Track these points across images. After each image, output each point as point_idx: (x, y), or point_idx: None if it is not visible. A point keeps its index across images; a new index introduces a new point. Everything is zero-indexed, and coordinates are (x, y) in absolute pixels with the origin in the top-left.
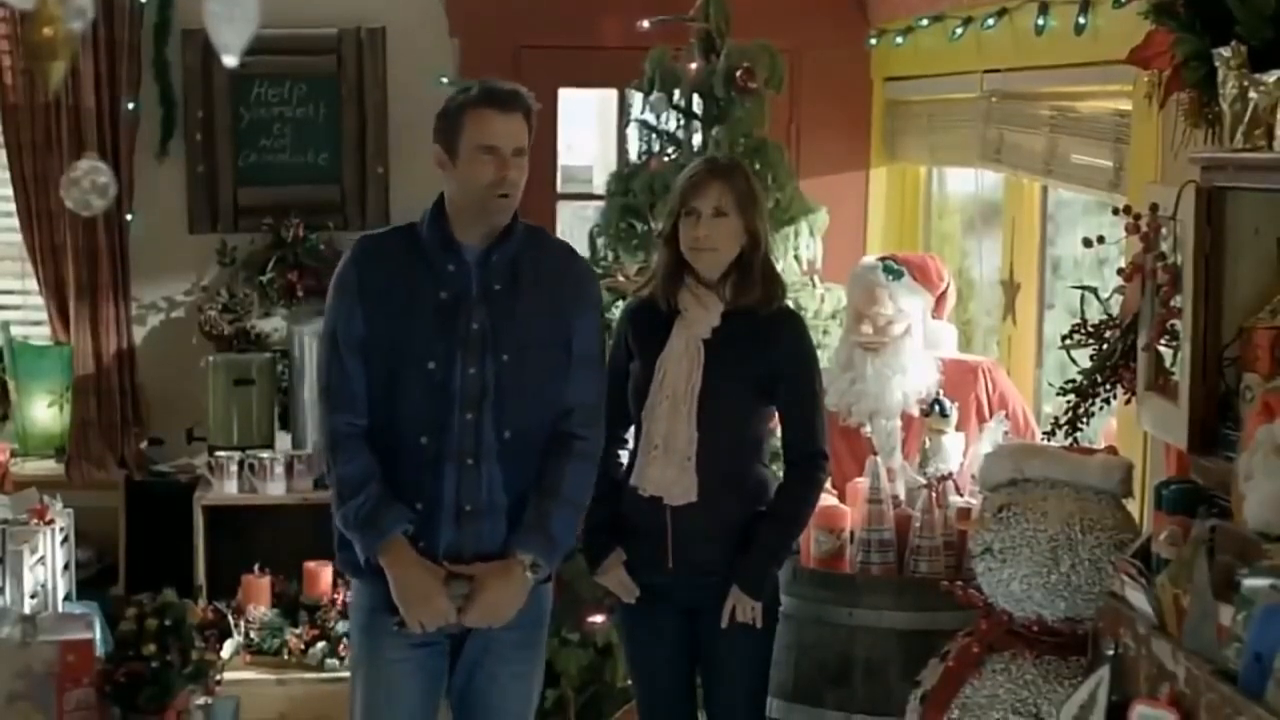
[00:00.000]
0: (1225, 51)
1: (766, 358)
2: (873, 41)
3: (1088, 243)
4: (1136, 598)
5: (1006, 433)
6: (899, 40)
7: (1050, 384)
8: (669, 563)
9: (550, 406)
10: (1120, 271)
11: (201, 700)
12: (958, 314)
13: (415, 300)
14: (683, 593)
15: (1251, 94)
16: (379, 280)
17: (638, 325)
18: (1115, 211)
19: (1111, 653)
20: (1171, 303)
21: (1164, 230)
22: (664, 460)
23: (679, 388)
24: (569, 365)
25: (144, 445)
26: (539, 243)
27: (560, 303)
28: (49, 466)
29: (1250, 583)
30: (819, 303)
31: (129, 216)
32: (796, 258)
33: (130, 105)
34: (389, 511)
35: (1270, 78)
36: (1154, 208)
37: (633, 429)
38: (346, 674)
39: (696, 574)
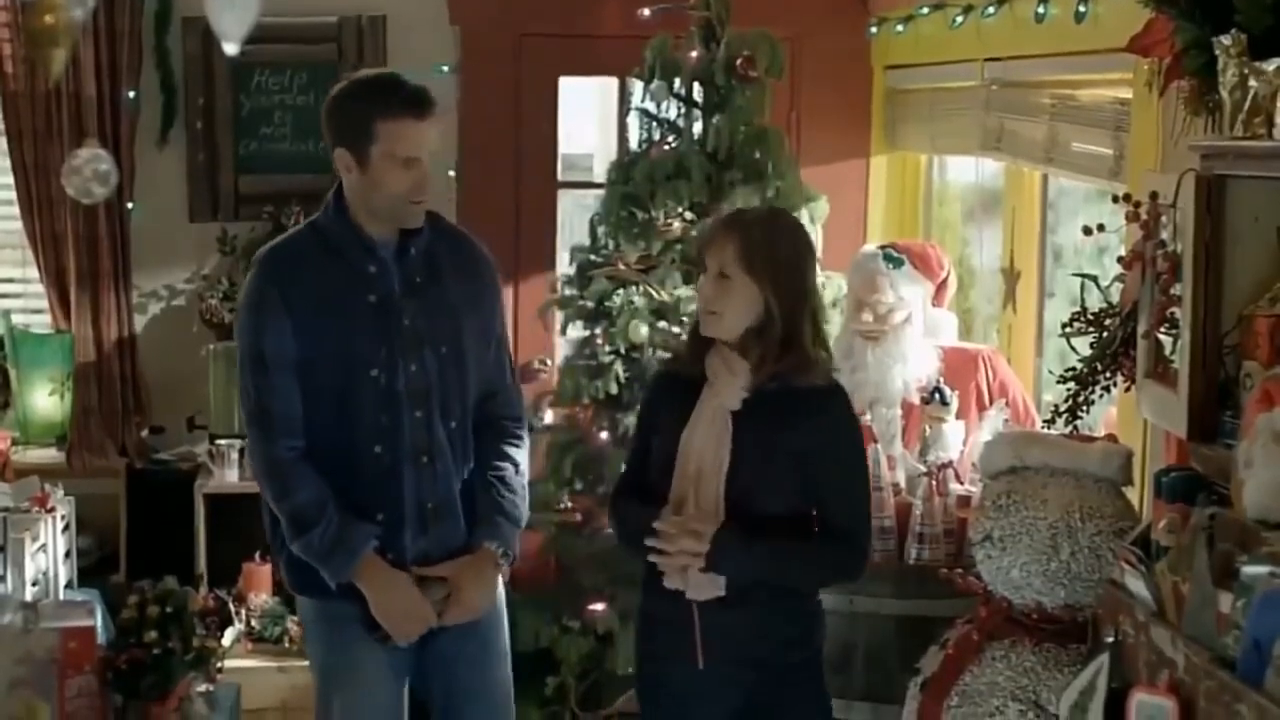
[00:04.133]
0: (1225, 39)
1: (800, 433)
2: (873, 29)
3: (1087, 231)
4: (1136, 585)
5: (1007, 421)
6: (899, 28)
7: (1050, 372)
8: (699, 661)
9: (481, 389)
10: (1120, 260)
11: (203, 687)
12: (958, 302)
13: (345, 308)
14: (718, 690)
15: (1251, 82)
16: (300, 291)
17: (662, 394)
18: (1115, 199)
19: (1111, 640)
20: (1171, 290)
21: (1164, 218)
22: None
23: (705, 465)
24: (491, 348)
25: (145, 433)
26: (441, 230)
27: (476, 288)
28: (50, 455)
29: (1249, 570)
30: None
31: (130, 205)
32: None
33: (131, 93)
34: (354, 532)
35: (1270, 66)
36: (1154, 196)
37: None
38: None
39: (734, 668)
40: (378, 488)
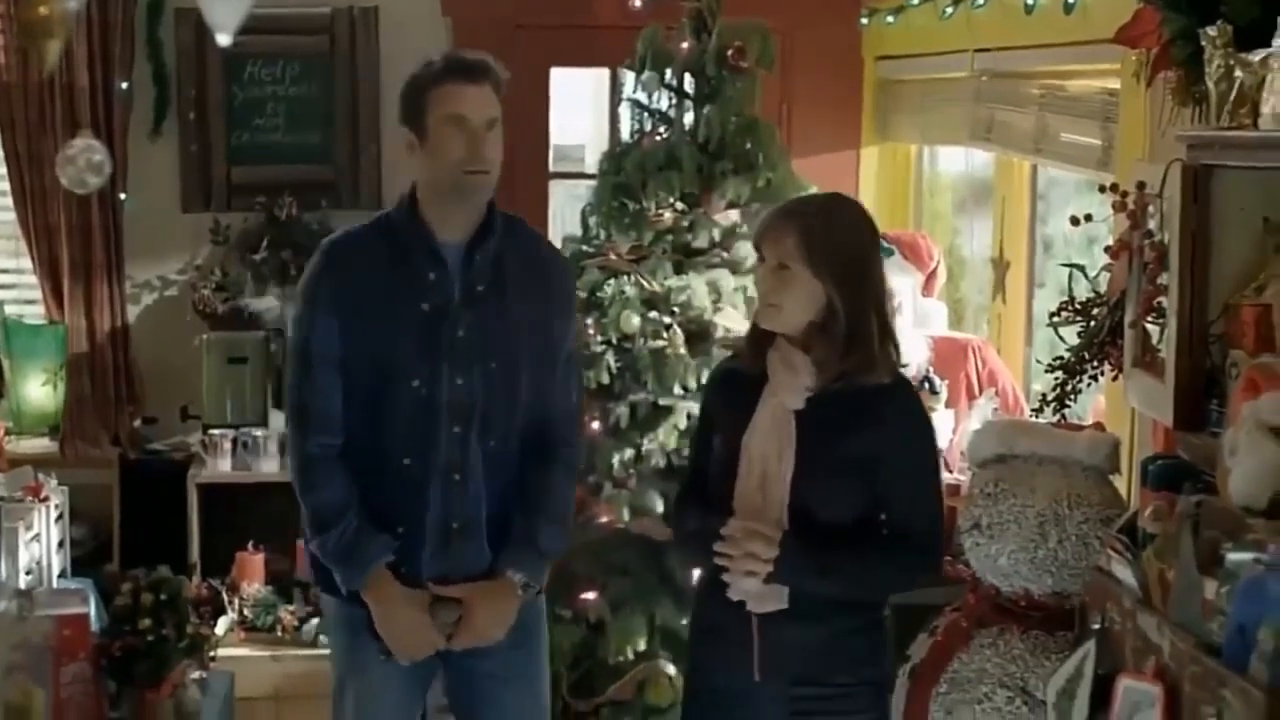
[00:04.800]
0: (1211, 30)
1: (868, 435)
2: (864, 20)
3: (1074, 221)
4: (1122, 572)
5: (995, 410)
6: (890, 19)
7: (1038, 361)
8: (755, 673)
9: (532, 413)
10: (1107, 249)
11: (197, 674)
12: (949, 292)
13: (396, 313)
14: (770, 707)
15: (1237, 73)
16: (353, 292)
17: (722, 392)
18: (1102, 190)
19: (1098, 627)
20: (1158, 280)
21: (1151, 208)
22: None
23: (769, 468)
24: (554, 368)
25: (138, 424)
26: (518, 236)
27: (544, 304)
28: (43, 445)
29: (1234, 557)
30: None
31: (122, 196)
32: None
33: (124, 84)
34: (371, 542)
35: (1256, 57)
36: (1141, 185)
37: None
38: None
39: (791, 684)
40: (402, 500)
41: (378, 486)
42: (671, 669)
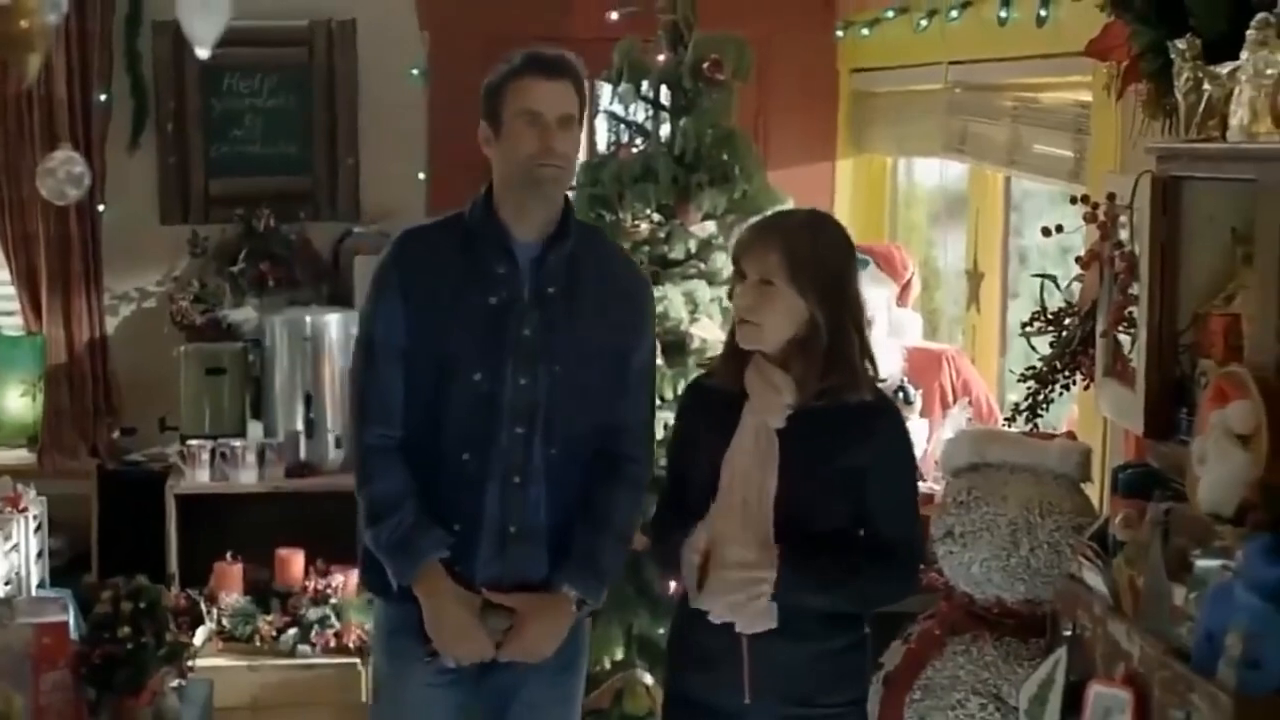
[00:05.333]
0: (1180, 43)
1: (850, 453)
2: (839, 33)
3: (1046, 231)
4: (1093, 579)
5: (969, 419)
6: (865, 31)
7: (1011, 371)
8: (745, 695)
9: (600, 423)
10: (1078, 260)
11: (175, 682)
12: (925, 303)
13: (461, 306)
14: None
15: (1206, 85)
16: (423, 281)
17: (699, 410)
18: (1073, 201)
19: (1069, 633)
20: (1129, 290)
21: (1121, 219)
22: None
23: (750, 490)
24: (624, 380)
25: (116, 434)
26: (596, 244)
27: (619, 313)
28: (21, 456)
29: (1202, 564)
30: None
31: (101, 207)
32: None
33: (102, 97)
34: (425, 535)
35: (1224, 70)
36: (1111, 197)
37: None
38: (318, 660)
39: (781, 704)
40: (459, 497)
41: (435, 483)
42: (649, 678)
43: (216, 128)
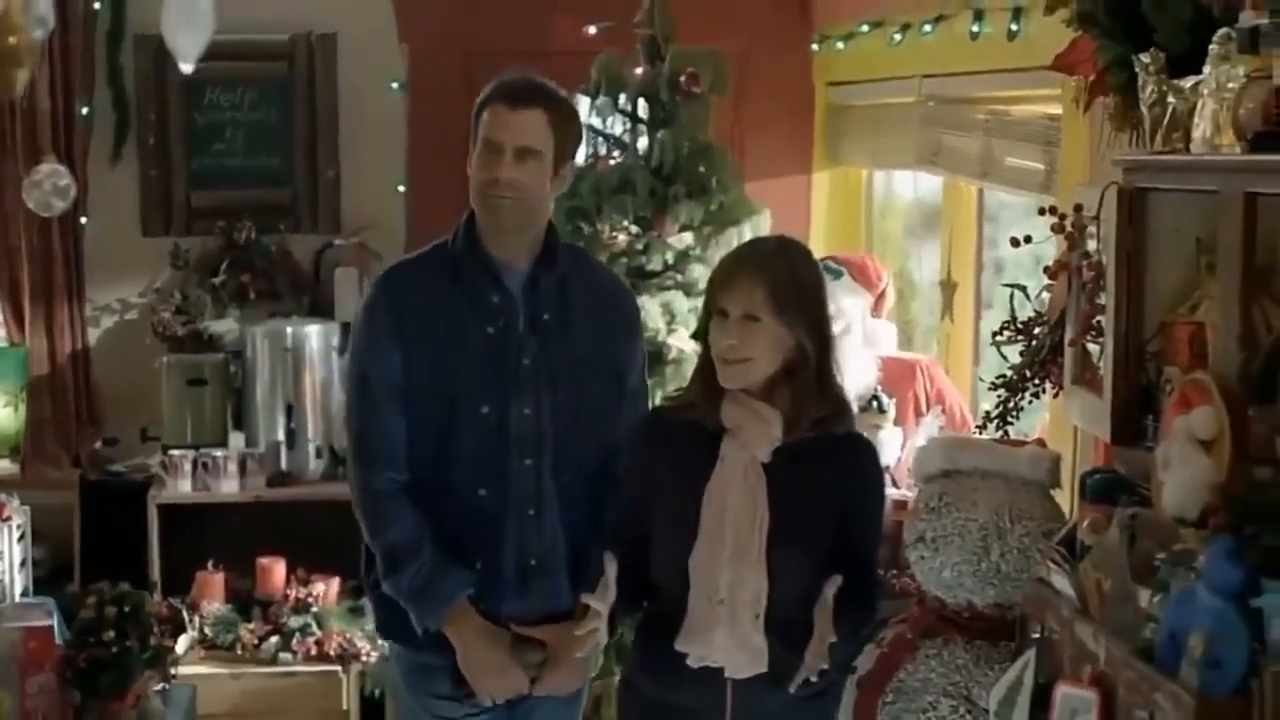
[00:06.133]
0: (1145, 58)
1: (836, 486)
2: (815, 47)
3: (1014, 242)
4: (1061, 583)
5: (942, 427)
6: (840, 45)
7: (981, 379)
8: None
9: (602, 442)
10: (1046, 269)
11: (159, 686)
12: (900, 314)
13: (460, 338)
14: None
15: (1170, 99)
16: (416, 317)
17: (665, 445)
18: (1041, 212)
19: (1038, 636)
20: (1097, 299)
21: (1090, 230)
22: (730, 621)
23: (740, 525)
24: (621, 397)
25: (99, 445)
26: (583, 264)
27: (611, 331)
28: (3, 466)
29: (1167, 567)
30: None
31: (83, 220)
32: None
33: (84, 110)
34: (448, 578)
35: (1187, 83)
36: (1078, 208)
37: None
38: (299, 668)
39: None
40: (478, 534)
41: (449, 521)
42: None
43: (198, 141)
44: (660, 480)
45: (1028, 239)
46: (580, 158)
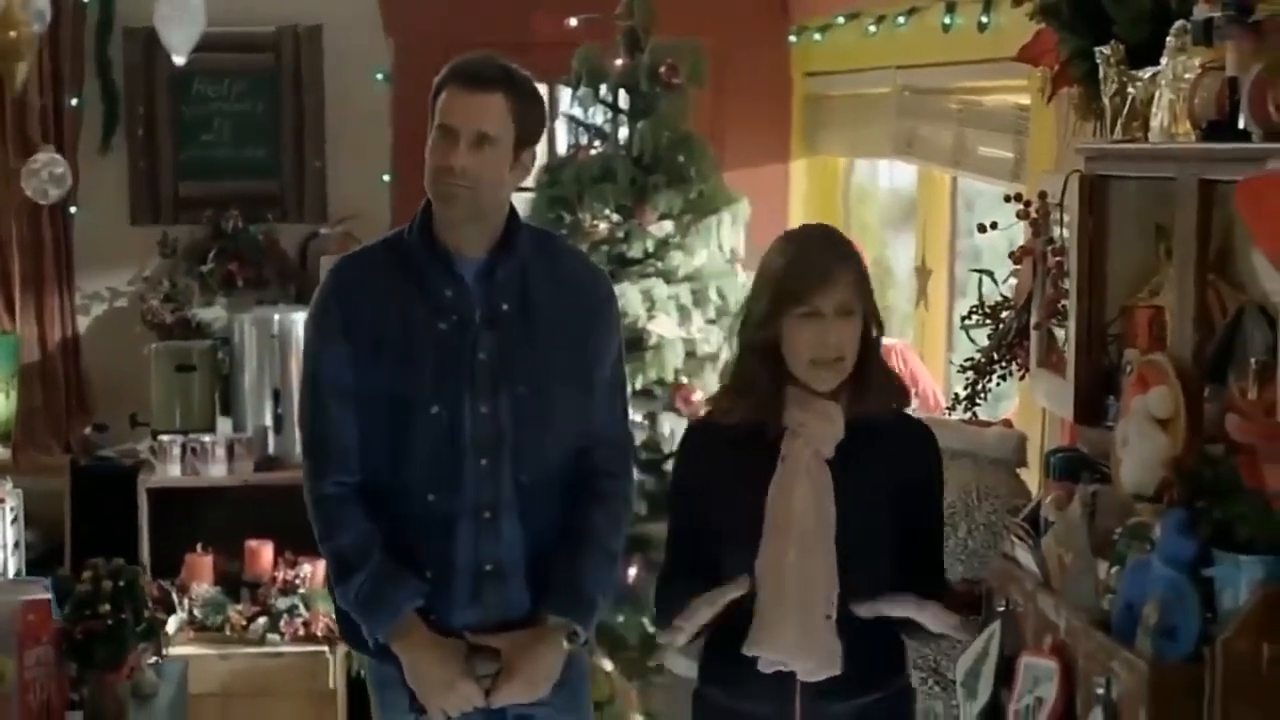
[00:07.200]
0: (1105, 49)
1: (899, 474)
2: (793, 38)
3: (981, 228)
4: (1025, 557)
5: (915, 409)
6: (818, 37)
7: (951, 362)
8: None
9: (572, 445)
10: (1011, 255)
11: (152, 659)
12: (878, 301)
13: (411, 335)
14: None
15: (1129, 89)
16: (365, 313)
17: (719, 455)
18: (1007, 199)
19: (1003, 609)
20: (1061, 284)
21: (1054, 216)
22: (801, 620)
23: (808, 523)
24: (592, 392)
25: (89, 431)
26: (550, 251)
27: (580, 322)
28: None
29: (1124, 540)
30: (741, 290)
31: (73, 209)
32: (720, 247)
33: (73, 101)
34: (399, 587)
35: (1146, 74)
36: (1042, 195)
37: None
38: (286, 648)
39: None
40: (428, 541)
41: (401, 527)
42: (609, 665)
43: (186, 132)
44: (719, 491)
45: (994, 225)
46: (563, 148)
